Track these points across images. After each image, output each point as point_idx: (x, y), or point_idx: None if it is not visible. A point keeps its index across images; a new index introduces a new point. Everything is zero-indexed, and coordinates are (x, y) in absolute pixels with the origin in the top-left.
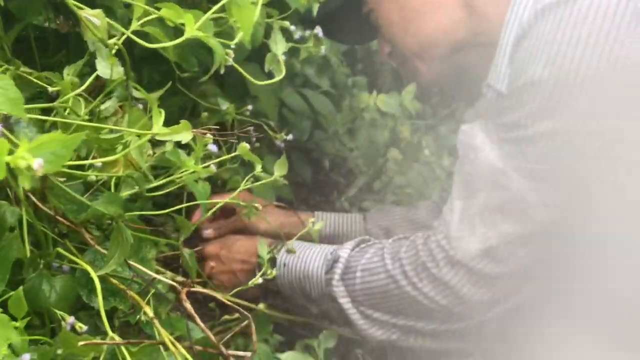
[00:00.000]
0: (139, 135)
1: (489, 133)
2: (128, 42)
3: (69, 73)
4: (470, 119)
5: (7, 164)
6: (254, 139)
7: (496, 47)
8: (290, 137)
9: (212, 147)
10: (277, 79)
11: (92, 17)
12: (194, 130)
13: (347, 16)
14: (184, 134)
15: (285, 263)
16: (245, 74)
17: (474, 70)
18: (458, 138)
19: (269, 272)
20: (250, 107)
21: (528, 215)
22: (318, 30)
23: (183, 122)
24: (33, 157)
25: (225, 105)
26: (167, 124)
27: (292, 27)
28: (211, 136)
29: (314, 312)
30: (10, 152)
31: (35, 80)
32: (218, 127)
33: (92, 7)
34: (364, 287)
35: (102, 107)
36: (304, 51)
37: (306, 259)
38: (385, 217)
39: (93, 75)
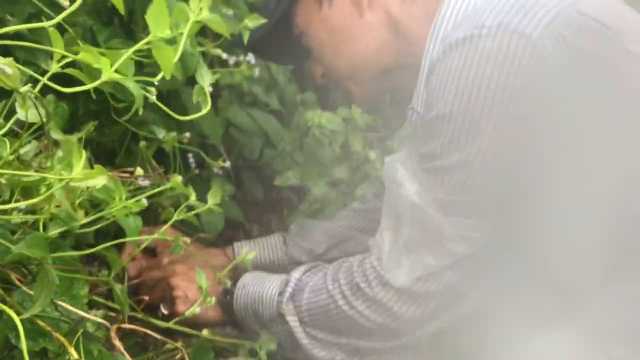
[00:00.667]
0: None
1: (409, 164)
2: (58, 78)
3: None
4: (398, 141)
5: None
6: (194, 166)
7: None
8: (227, 163)
9: (143, 182)
10: (203, 112)
11: (4, 66)
12: (121, 171)
13: (279, 38)
14: (99, 179)
15: (244, 284)
16: (166, 108)
17: (403, 91)
18: (383, 170)
19: (208, 299)
20: (188, 134)
21: (447, 248)
22: (250, 57)
23: (97, 167)
24: None
25: (162, 134)
26: (106, 154)
27: (225, 55)
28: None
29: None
30: None
31: None
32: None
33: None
34: (309, 307)
35: (22, 150)
36: (237, 74)
37: (263, 282)
38: (305, 237)
39: (13, 119)
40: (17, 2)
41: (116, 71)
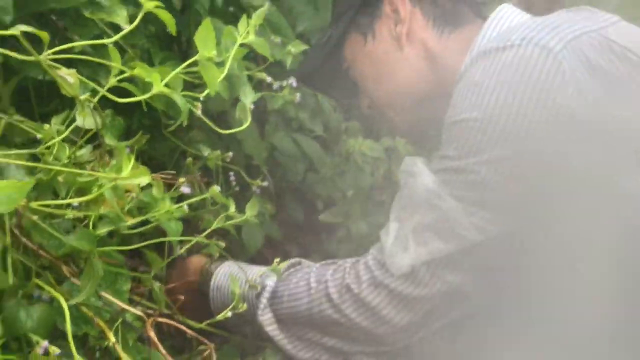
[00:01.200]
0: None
1: (428, 164)
2: (117, 91)
3: (55, 122)
4: None
5: None
6: (234, 184)
7: None
8: (266, 183)
9: (185, 189)
10: (243, 126)
11: (67, 75)
12: (164, 174)
13: (330, 72)
14: (143, 178)
15: (218, 286)
16: (211, 124)
17: (443, 121)
18: (400, 169)
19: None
20: (230, 153)
21: (458, 234)
22: (292, 80)
23: (142, 168)
24: None
25: (206, 152)
26: (157, 169)
27: (269, 79)
28: (184, 179)
29: (248, 332)
30: None
31: (26, 128)
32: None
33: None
34: (290, 311)
35: (78, 154)
36: (279, 99)
37: (238, 282)
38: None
39: (72, 125)
40: (85, 25)
41: (166, 86)
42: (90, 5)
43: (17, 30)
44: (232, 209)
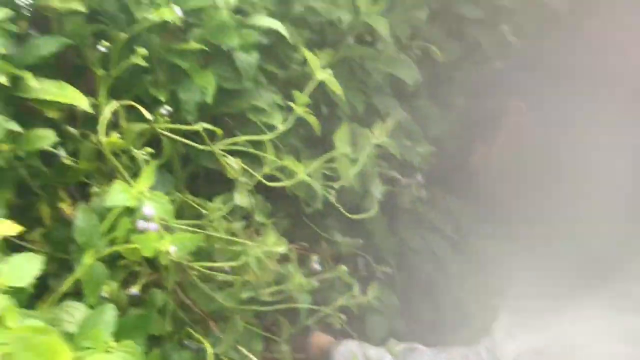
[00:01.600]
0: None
1: None
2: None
3: (218, 201)
4: None
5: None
6: (362, 268)
7: None
8: (388, 269)
9: (316, 266)
10: (370, 213)
11: (232, 162)
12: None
13: (460, 173)
14: (281, 246)
15: None
16: (343, 210)
17: None
18: None
19: None
20: (360, 240)
21: None
22: (419, 178)
23: (281, 238)
24: (170, 245)
25: (339, 238)
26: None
27: (398, 176)
28: (316, 256)
29: None
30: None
31: (195, 205)
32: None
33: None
34: None
35: (233, 227)
36: (406, 195)
37: None
38: None
39: (230, 204)
40: (248, 124)
41: (308, 176)
42: (253, 109)
43: (200, 126)
44: (356, 289)
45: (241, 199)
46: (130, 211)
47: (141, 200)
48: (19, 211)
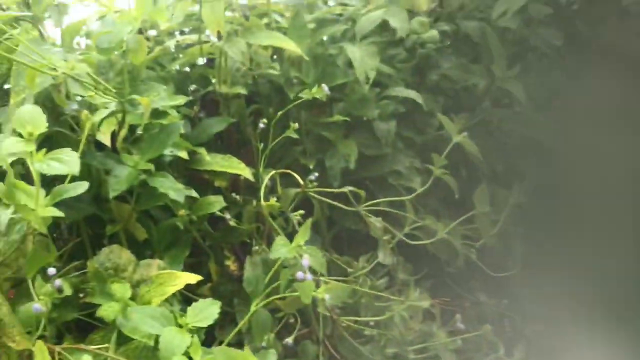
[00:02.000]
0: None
1: None
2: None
3: (362, 260)
4: None
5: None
6: (507, 329)
7: None
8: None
9: (460, 325)
10: (511, 272)
11: (375, 222)
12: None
13: None
14: (425, 302)
15: None
16: (486, 269)
17: None
18: None
19: None
20: (505, 301)
21: None
22: None
23: (424, 294)
24: (325, 293)
25: (482, 298)
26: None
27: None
28: (459, 315)
29: None
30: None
31: (341, 264)
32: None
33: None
34: None
35: (377, 283)
36: None
37: None
38: None
39: (374, 262)
40: (388, 187)
41: (447, 234)
42: (392, 173)
43: (347, 189)
44: (501, 350)
45: (384, 257)
46: (289, 263)
47: (300, 253)
48: (191, 268)
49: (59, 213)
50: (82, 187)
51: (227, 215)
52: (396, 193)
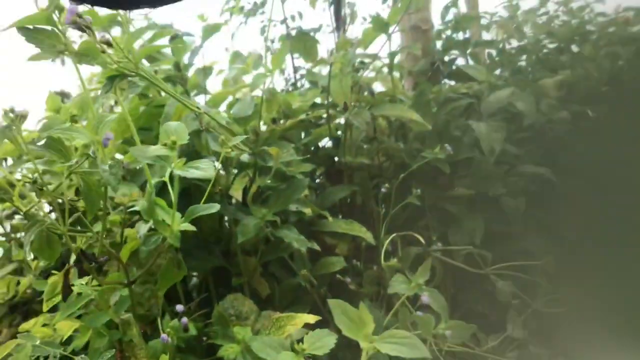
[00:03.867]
0: None
1: None
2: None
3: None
4: None
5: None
6: None
7: None
8: None
9: None
10: None
11: (503, 285)
12: None
13: None
14: None
15: None
16: None
17: None
18: None
19: None
20: None
21: None
22: None
23: None
24: (447, 329)
25: None
26: None
27: None
28: None
29: None
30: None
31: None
32: None
33: None
34: None
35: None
36: None
37: None
38: None
39: (503, 335)
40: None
41: None
42: (522, 252)
43: (473, 249)
44: None
45: (512, 329)
46: (410, 301)
47: (420, 291)
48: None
49: (192, 227)
50: (214, 207)
51: (348, 279)
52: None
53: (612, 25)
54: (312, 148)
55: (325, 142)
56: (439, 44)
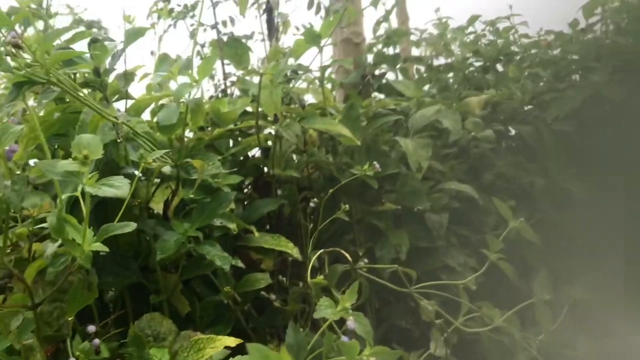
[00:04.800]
0: None
1: None
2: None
3: (414, 354)
4: None
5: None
6: None
7: None
8: None
9: None
10: None
11: (427, 304)
12: None
13: None
14: None
15: None
16: None
17: None
18: None
19: None
20: None
21: None
22: None
23: None
24: (372, 357)
25: None
26: None
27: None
28: None
29: None
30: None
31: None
32: None
33: None
34: None
35: None
36: None
37: None
38: None
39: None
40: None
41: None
42: (445, 268)
43: (397, 267)
44: None
45: (435, 347)
46: (334, 328)
47: (346, 315)
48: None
49: (104, 248)
50: (130, 226)
51: (273, 296)
52: (448, 289)
53: (534, 47)
54: (241, 158)
55: (255, 152)
56: (370, 58)
